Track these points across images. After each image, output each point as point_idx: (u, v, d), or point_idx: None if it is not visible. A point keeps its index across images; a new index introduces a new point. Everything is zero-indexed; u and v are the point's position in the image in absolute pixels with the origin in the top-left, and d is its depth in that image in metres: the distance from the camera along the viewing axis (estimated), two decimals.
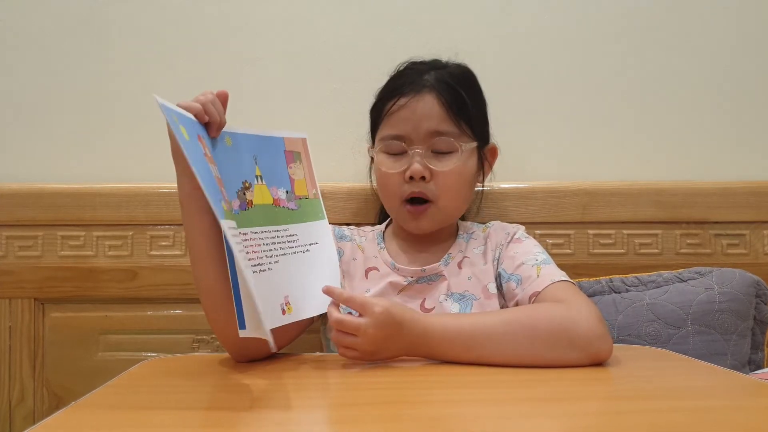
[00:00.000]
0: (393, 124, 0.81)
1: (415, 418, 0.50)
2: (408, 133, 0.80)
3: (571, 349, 0.65)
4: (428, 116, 0.79)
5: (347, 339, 0.64)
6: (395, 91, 0.82)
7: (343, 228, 0.91)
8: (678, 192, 1.04)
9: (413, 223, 0.83)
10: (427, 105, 0.80)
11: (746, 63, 1.09)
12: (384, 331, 0.64)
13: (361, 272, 0.85)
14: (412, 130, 0.80)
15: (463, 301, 0.81)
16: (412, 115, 0.80)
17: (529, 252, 0.81)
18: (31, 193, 1.02)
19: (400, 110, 0.80)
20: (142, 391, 0.59)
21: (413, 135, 0.80)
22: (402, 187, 0.81)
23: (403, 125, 0.80)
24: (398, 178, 0.81)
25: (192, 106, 0.64)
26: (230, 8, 1.07)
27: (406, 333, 0.65)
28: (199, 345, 1.02)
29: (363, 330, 0.63)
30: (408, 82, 0.82)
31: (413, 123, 0.80)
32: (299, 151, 0.76)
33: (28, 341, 1.01)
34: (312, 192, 0.76)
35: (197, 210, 0.65)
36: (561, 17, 1.09)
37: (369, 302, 0.64)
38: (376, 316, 0.63)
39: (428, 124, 0.79)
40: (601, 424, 0.49)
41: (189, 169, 0.58)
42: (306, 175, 0.76)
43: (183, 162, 0.63)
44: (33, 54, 1.06)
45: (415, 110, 0.80)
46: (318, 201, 0.77)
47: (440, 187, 0.80)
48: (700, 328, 0.90)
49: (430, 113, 0.80)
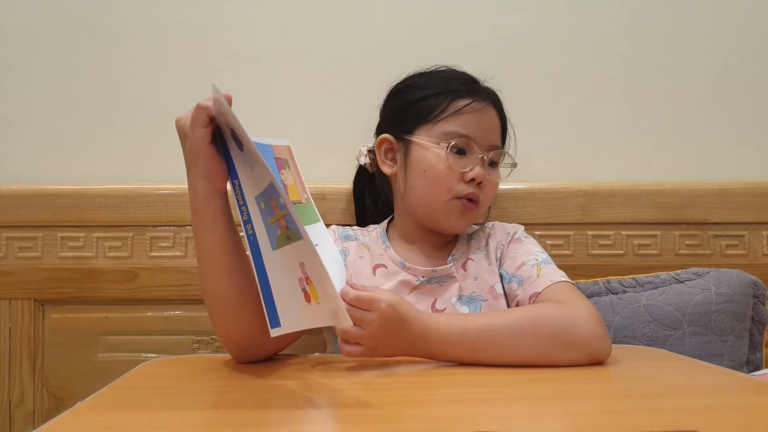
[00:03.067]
0: (465, 124, 0.81)
1: (417, 417, 0.50)
2: (476, 137, 0.81)
3: (571, 350, 0.65)
4: (494, 129, 0.84)
5: (352, 331, 0.64)
6: (466, 92, 0.82)
7: (347, 228, 0.91)
8: (677, 193, 1.04)
9: (460, 219, 0.82)
10: (493, 118, 0.84)
11: (746, 63, 1.10)
12: (388, 326, 0.63)
13: (369, 270, 0.85)
14: (481, 136, 0.82)
15: (472, 303, 0.81)
16: (483, 122, 0.82)
17: (529, 252, 0.82)
18: (31, 194, 1.02)
19: (474, 113, 0.81)
20: (145, 393, 0.59)
21: (480, 141, 0.82)
22: (459, 185, 0.81)
23: (475, 129, 0.81)
24: (457, 176, 0.80)
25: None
26: (230, 8, 1.07)
27: (410, 331, 0.65)
28: (199, 346, 1.02)
29: (368, 322, 0.63)
30: (478, 89, 0.84)
31: (483, 130, 0.82)
32: (286, 158, 0.76)
33: (28, 342, 1.01)
34: (304, 196, 0.76)
35: (212, 217, 0.64)
36: (561, 17, 1.09)
37: (376, 297, 0.64)
38: (383, 311, 0.63)
39: (493, 136, 0.84)
40: (601, 424, 0.49)
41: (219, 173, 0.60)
42: (296, 181, 0.76)
43: (212, 165, 0.62)
44: (33, 54, 1.06)
45: (486, 118, 0.83)
46: (311, 205, 0.77)
47: (486, 197, 0.83)
48: (696, 329, 0.90)
49: (495, 126, 0.84)
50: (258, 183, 0.60)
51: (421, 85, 0.85)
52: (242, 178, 0.61)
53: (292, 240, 0.57)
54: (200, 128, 0.61)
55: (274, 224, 0.59)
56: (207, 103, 0.60)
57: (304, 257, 0.57)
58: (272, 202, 0.59)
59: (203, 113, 0.60)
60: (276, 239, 0.59)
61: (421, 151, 0.82)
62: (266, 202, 0.60)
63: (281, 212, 0.58)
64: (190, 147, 0.63)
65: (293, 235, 0.57)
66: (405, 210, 0.87)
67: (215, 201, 0.65)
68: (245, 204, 0.61)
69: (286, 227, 0.58)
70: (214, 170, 0.63)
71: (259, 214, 0.60)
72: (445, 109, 0.81)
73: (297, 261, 0.57)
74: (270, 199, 0.59)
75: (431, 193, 0.82)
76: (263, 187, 0.59)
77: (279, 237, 0.59)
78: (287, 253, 0.58)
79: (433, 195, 0.82)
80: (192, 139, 0.62)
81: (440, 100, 0.82)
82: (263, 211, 0.60)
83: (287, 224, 0.57)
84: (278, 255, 0.59)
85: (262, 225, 0.60)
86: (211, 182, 0.64)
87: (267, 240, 0.60)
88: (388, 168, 0.87)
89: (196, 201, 0.65)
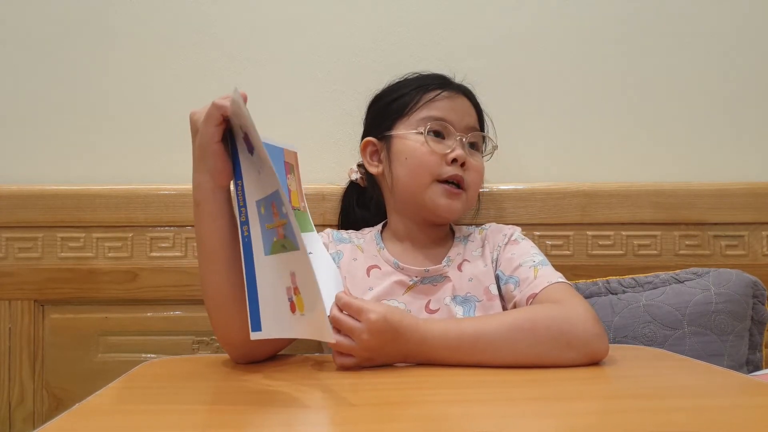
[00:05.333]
0: (438, 108, 0.84)
1: (415, 418, 0.50)
2: (452, 120, 0.84)
3: (569, 350, 0.65)
4: (468, 113, 0.87)
5: (344, 343, 0.64)
6: (437, 85, 0.86)
7: (341, 231, 0.91)
8: (677, 193, 1.04)
9: (446, 202, 0.82)
10: (466, 104, 0.87)
11: (745, 64, 1.10)
12: (379, 338, 0.63)
13: (363, 271, 0.85)
14: (457, 119, 0.84)
15: (466, 303, 0.81)
16: (457, 106, 0.85)
17: (526, 253, 0.82)
18: (31, 194, 1.02)
19: (445, 100, 0.85)
20: (144, 393, 0.59)
21: (456, 123, 0.85)
22: (441, 167, 0.82)
23: (449, 112, 0.84)
24: (438, 159, 0.82)
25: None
26: (230, 8, 1.07)
27: (404, 340, 0.64)
28: (198, 346, 1.02)
29: (357, 334, 0.63)
30: (445, 82, 0.88)
31: (458, 113, 0.85)
32: (293, 164, 0.77)
33: (27, 343, 1.01)
34: (302, 205, 0.77)
35: (213, 210, 0.65)
36: (561, 18, 1.09)
37: (365, 308, 0.63)
38: (372, 323, 0.62)
39: (469, 119, 0.86)
40: (600, 424, 0.49)
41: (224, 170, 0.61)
42: (297, 188, 0.76)
43: (218, 162, 0.63)
44: (33, 54, 1.06)
45: (458, 103, 0.86)
46: (307, 214, 0.78)
47: (471, 180, 0.84)
48: (696, 329, 0.90)
49: (469, 111, 0.87)
50: (263, 188, 0.60)
51: (396, 88, 0.89)
52: (246, 181, 0.62)
53: (287, 249, 0.58)
54: (212, 126, 0.62)
55: (272, 230, 0.59)
56: (223, 103, 0.61)
57: (297, 267, 0.57)
58: (273, 208, 0.59)
59: (218, 112, 0.61)
60: (271, 245, 0.59)
61: (401, 141, 0.85)
62: (267, 208, 0.60)
63: (282, 220, 0.58)
64: (200, 142, 0.63)
65: (290, 244, 0.57)
66: (396, 206, 0.88)
67: (217, 196, 0.65)
68: (245, 206, 0.61)
69: (284, 236, 0.58)
70: (219, 168, 0.63)
71: (257, 217, 0.60)
72: (418, 101, 0.85)
73: (288, 270, 0.58)
74: (272, 205, 0.59)
75: (415, 178, 0.83)
76: (268, 192, 0.59)
77: (274, 243, 0.59)
78: (280, 260, 0.58)
79: (417, 179, 0.83)
80: (203, 134, 0.63)
81: (413, 95, 0.86)
82: (262, 215, 0.60)
83: (285, 233, 0.57)
84: (270, 261, 0.59)
85: (258, 229, 0.60)
86: (215, 179, 0.64)
87: (261, 244, 0.60)
88: (374, 168, 0.89)
89: (198, 193, 0.65)
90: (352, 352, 0.64)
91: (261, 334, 0.59)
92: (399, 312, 0.66)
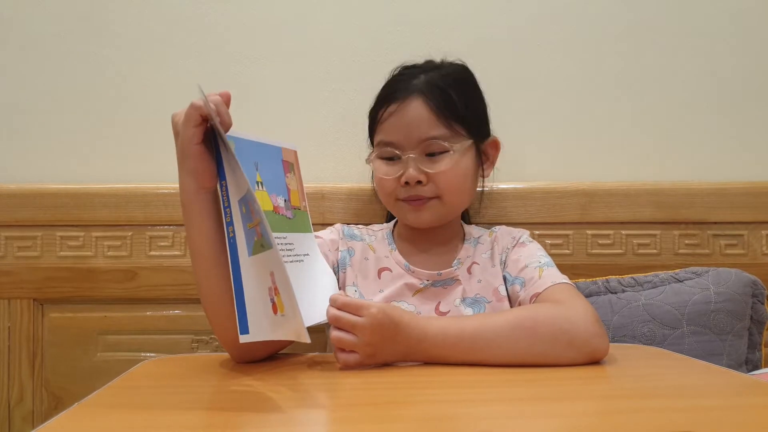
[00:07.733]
0: (386, 131, 0.83)
1: (416, 418, 0.50)
2: (400, 140, 0.82)
3: (569, 349, 0.66)
4: (417, 123, 0.81)
5: (346, 339, 0.64)
6: (386, 98, 0.84)
7: (352, 227, 0.91)
8: (676, 192, 1.05)
9: (413, 215, 0.83)
10: (416, 111, 0.81)
11: (745, 63, 1.10)
12: (381, 332, 0.63)
13: (374, 272, 0.85)
14: (404, 137, 0.81)
15: (476, 305, 0.82)
16: (402, 122, 0.81)
17: (532, 255, 0.83)
18: (31, 193, 1.02)
19: (391, 117, 0.82)
20: (144, 392, 0.59)
21: (405, 142, 0.81)
22: (398, 189, 0.83)
23: (395, 132, 0.82)
24: (394, 183, 0.82)
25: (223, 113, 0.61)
26: (230, 8, 1.07)
27: (405, 336, 0.65)
28: (198, 345, 1.02)
29: (359, 329, 0.63)
30: (398, 88, 0.83)
31: (404, 130, 0.81)
32: (292, 162, 0.76)
33: (27, 342, 1.01)
34: (303, 204, 0.77)
35: (200, 211, 0.64)
36: (560, 17, 1.09)
37: (365, 304, 0.64)
38: (373, 316, 0.63)
39: (418, 131, 0.80)
40: (600, 423, 0.49)
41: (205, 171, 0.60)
42: (298, 187, 0.76)
43: (199, 164, 0.62)
44: (33, 54, 1.06)
45: (404, 117, 0.81)
46: (306, 214, 0.77)
47: (441, 187, 0.81)
48: (695, 328, 0.90)
49: (420, 119, 0.81)
50: (240, 187, 0.60)
51: (376, 98, 0.88)
52: (229, 181, 0.61)
53: (264, 248, 0.58)
54: (191, 127, 0.61)
55: (252, 230, 0.59)
56: (201, 103, 0.60)
57: (274, 267, 0.57)
58: (251, 206, 0.59)
59: (196, 113, 0.60)
60: (252, 245, 0.60)
61: (372, 161, 0.86)
62: (246, 207, 0.60)
63: (257, 218, 0.58)
64: (181, 144, 0.63)
65: (266, 243, 0.58)
66: None
67: (201, 197, 0.64)
68: (230, 206, 0.61)
69: (261, 234, 0.58)
70: (200, 169, 0.62)
71: (240, 217, 0.60)
72: (376, 119, 0.85)
73: (268, 270, 0.58)
74: (249, 203, 0.59)
75: (384, 199, 0.87)
76: (243, 192, 0.60)
77: (255, 243, 0.59)
78: (261, 260, 0.59)
79: (385, 200, 0.87)
80: (182, 136, 0.62)
81: (375, 111, 0.86)
82: (244, 215, 0.60)
83: (261, 231, 0.58)
84: (253, 262, 0.59)
85: (242, 229, 0.60)
86: (198, 180, 0.63)
87: (245, 245, 0.60)
88: None
89: (183, 195, 0.65)
90: (355, 348, 0.64)
91: (249, 337, 0.59)
92: (398, 309, 0.66)
